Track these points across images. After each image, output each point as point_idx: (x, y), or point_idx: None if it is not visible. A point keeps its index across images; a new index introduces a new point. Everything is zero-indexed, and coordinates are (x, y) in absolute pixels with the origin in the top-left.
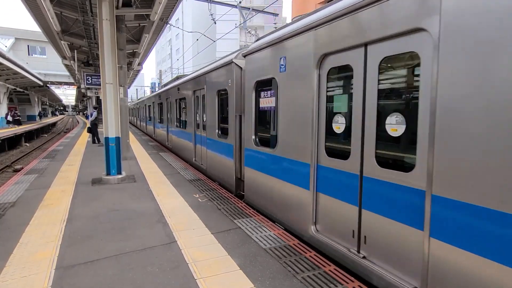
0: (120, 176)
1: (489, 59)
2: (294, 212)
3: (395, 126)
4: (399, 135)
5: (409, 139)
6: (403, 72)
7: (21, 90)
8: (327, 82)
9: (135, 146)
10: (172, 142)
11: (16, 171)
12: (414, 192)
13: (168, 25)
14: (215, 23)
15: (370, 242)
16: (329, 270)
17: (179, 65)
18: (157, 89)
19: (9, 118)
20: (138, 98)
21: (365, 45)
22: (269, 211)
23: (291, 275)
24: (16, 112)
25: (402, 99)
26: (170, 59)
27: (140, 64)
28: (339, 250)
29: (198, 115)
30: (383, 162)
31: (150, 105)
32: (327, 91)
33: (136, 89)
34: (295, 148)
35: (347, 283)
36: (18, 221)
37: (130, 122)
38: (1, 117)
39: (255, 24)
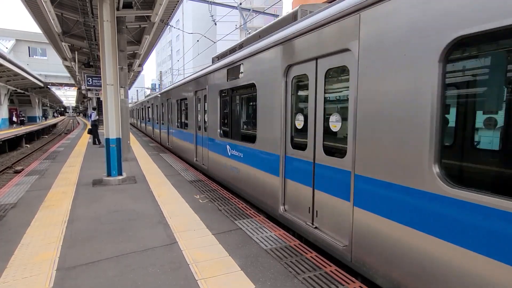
0: (120, 177)
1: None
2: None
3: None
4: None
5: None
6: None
7: (22, 91)
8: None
9: (136, 147)
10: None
11: (17, 172)
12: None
13: (169, 26)
14: (215, 24)
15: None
16: (330, 271)
17: (179, 66)
18: (157, 90)
19: (14, 118)
20: (138, 99)
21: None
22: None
23: (292, 276)
24: (21, 113)
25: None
26: (170, 60)
27: (140, 65)
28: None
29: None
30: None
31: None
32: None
33: (137, 90)
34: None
35: (348, 283)
36: (19, 222)
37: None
38: (2, 118)
39: (255, 25)
